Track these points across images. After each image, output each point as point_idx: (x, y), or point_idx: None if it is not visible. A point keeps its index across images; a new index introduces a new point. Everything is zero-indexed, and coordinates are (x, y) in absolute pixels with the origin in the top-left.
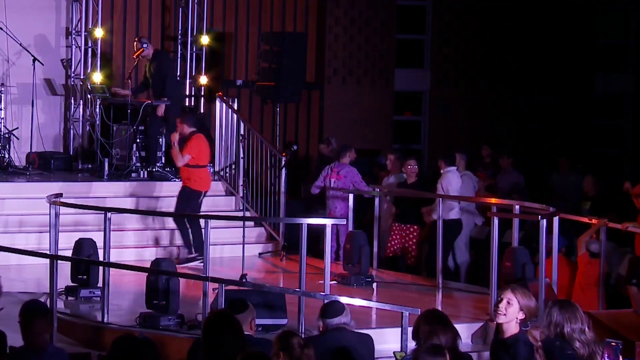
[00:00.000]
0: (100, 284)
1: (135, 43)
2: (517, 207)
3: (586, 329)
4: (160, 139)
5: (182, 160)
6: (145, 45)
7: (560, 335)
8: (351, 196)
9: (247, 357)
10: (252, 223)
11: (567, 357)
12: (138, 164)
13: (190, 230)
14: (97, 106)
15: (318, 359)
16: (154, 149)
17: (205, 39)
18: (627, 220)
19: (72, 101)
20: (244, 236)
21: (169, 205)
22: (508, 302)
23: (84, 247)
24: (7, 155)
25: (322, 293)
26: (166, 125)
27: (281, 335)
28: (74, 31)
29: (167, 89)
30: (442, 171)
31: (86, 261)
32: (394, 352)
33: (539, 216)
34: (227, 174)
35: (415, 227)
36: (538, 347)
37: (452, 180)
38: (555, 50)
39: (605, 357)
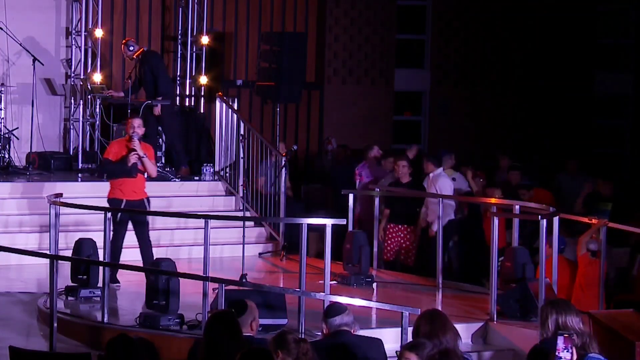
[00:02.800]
0: (100, 284)
1: (122, 47)
2: (517, 207)
3: (580, 319)
4: (160, 139)
5: (155, 168)
6: (132, 48)
7: (557, 331)
8: (351, 196)
9: (249, 353)
10: (252, 223)
11: None
12: None
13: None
14: (97, 106)
15: None
16: (154, 149)
17: (205, 39)
18: None
19: (72, 101)
20: (244, 236)
21: (169, 205)
22: None
23: (84, 247)
24: (7, 155)
25: (322, 293)
26: (160, 125)
27: (275, 336)
28: (74, 31)
29: (160, 88)
30: (431, 174)
31: (86, 261)
32: (396, 352)
33: (539, 216)
34: (227, 174)
35: (410, 227)
36: None
37: (447, 183)
38: (555, 50)
39: (563, 348)
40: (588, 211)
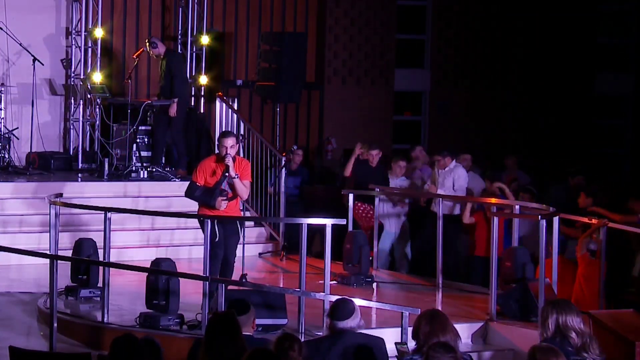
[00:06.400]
0: (100, 284)
1: (146, 45)
2: (517, 207)
3: (581, 319)
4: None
5: (248, 190)
6: (155, 47)
7: (557, 331)
8: (350, 196)
9: (254, 353)
10: (252, 223)
11: (568, 353)
12: (138, 164)
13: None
14: (97, 106)
15: None
16: (161, 149)
17: (205, 39)
18: None
19: (72, 101)
20: (244, 236)
21: (169, 205)
22: None
23: (84, 247)
24: (7, 155)
25: (322, 293)
26: (170, 124)
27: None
28: (74, 31)
29: (175, 89)
30: (448, 167)
31: (86, 261)
32: (395, 342)
33: (539, 216)
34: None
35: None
36: None
37: (463, 174)
38: (555, 50)
39: None
40: None
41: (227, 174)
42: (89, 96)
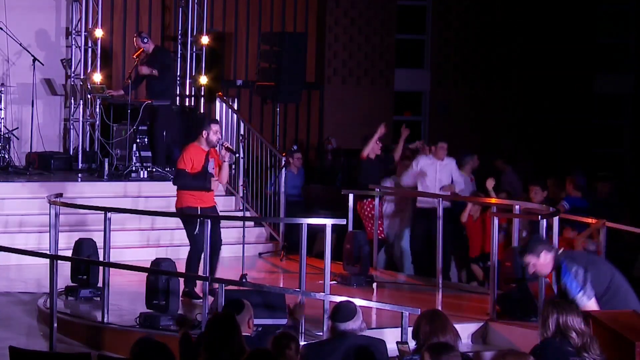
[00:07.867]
0: (100, 284)
1: (135, 38)
2: (517, 207)
3: (581, 319)
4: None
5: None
6: (145, 41)
7: (557, 331)
8: (351, 196)
9: (252, 355)
10: (252, 223)
11: (568, 353)
12: (138, 164)
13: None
14: (97, 106)
15: None
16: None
17: (205, 39)
18: None
19: (72, 101)
20: (243, 236)
21: (169, 205)
22: None
23: (84, 247)
24: (7, 155)
25: (322, 293)
26: (155, 123)
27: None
28: (74, 31)
29: (154, 85)
30: (445, 161)
31: (86, 261)
32: (396, 342)
33: (539, 216)
34: None
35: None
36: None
37: (455, 165)
38: (555, 50)
39: None
40: None
41: (236, 154)
42: (89, 96)
